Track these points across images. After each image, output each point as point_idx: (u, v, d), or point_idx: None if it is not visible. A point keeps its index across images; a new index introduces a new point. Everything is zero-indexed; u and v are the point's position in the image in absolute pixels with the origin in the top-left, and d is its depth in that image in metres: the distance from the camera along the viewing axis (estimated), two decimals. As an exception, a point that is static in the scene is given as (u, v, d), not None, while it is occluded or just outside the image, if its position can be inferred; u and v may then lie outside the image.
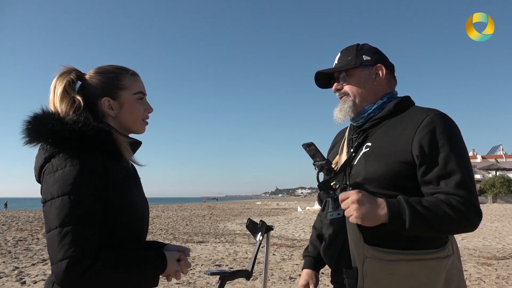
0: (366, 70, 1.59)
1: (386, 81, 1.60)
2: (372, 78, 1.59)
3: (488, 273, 6.78)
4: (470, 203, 1.32)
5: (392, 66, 1.65)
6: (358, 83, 1.58)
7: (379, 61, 1.60)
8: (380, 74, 1.58)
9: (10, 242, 11.31)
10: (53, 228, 1.15)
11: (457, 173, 1.34)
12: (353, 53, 1.61)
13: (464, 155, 1.39)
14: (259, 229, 1.83)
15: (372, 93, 1.58)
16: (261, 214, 29.26)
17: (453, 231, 1.38)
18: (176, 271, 1.33)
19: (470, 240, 11.35)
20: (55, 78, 1.36)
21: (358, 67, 1.58)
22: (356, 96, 1.58)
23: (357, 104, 1.58)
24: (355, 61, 1.59)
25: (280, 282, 6.18)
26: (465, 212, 1.30)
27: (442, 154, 1.36)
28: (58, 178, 1.18)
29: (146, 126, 1.47)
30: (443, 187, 1.34)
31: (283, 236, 13.08)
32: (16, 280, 6.33)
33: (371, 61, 1.59)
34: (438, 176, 1.35)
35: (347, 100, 1.59)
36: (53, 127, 1.22)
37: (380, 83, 1.59)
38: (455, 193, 1.32)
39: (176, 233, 14.56)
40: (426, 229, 1.30)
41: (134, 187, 1.37)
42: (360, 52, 1.60)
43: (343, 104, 1.59)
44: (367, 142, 1.52)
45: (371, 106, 1.57)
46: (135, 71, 1.46)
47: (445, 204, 1.30)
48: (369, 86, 1.58)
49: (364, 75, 1.59)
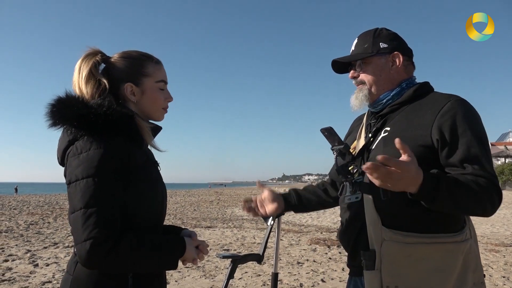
0: (383, 58, 1.57)
1: (403, 68, 1.58)
2: (389, 66, 1.57)
3: (496, 260, 6.79)
4: (495, 186, 1.33)
5: (410, 52, 1.63)
6: (374, 71, 1.57)
7: (396, 49, 1.57)
8: (397, 62, 1.56)
9: (21, 226, 11.52)
10: (78, 209, 1.16)
11: (480, 158, 1.34)
12: (370, 40, 1.59)
13: (485, 142, 1.39)
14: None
15: (388, 81, 1.57)
16: (268, 200, 29.35)
17: (475, 210, 1.34)
18: (193, 258, 1.35)
19: (478, 227, 11.40)
20: (80, 59, 1.36)
21: (375, 55, 1.57)
22: (372, 85, 1.57)
23: (373, 92, 1.58)
24: (372, 49, 1.57)
25: (288, 266, 6.25)
26: (491, 192, 1.31)
27: (465, 139, 1.36)
28: (83, 160, 1.20)
29: (165, 114, 1.47)
30: (469, 169, 1.34)
31: (290, 222, 13.15)
32: (29, 262, 6.46)
33: (388, 49, 1.57)
34: (462, 159, 1.35)
35: (363, 88, 1.58)
36: (79, 111, 1.23)
37: (397, 71, 1.57)
38: (482, 174, 1.32)
39: (184, 218, 14.71)
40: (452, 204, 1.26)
41: (154, 172, 1.39)
42: (377, 39, 1.58)
43: (359, 93, 1.59)
44: (386, 127, 1.51)
45: (389, 93, 1.56)
46: (159, 59, 1.45)
47: (474, 183, 1.29)
48: (386, 75, 1.57)
49: (380, 64, 1.57)
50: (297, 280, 5.41)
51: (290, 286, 5.13)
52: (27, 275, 5.63)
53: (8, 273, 5.76)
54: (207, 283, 5.22)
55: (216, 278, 5.46)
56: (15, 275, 5.60)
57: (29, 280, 5.35)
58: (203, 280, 5.40)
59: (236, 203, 25.63)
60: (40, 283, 5.20)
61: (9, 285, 5.10)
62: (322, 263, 6.48)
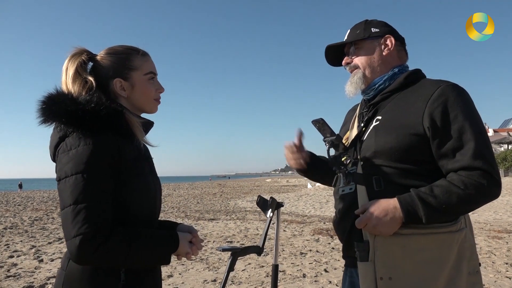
0: (375, 41, 1.59)
1: (396, 52, 1.60)
2: (381, 49, 1.59)
3: (499, 246, 6.80)
4: (487, 174, 1.31)
5: (402, 39, 1.64)
6: (367, 54, 1.59)
7: (388, 32, 1.60)
8: (389, 44, 1.58)
9: (26, 222, 11.58)
10: (67, 205, 1.17)
11: (472, 143, 1.33)
12: (361, 27, 1.62)
13: (478, 124, 1.37)
14: (270, 206, 1.85)
15: (382, 64, 1.58)
16: (271, 191, 29.50)
17: (474, 207, 1.37)
18: (186, 252, 1.35)
19: (481, 214, 11.33)
20: (66, 59, 1.36)
21: (367, 39, 1.59)
22: (365, 68, 1.58)
23: (367, 76, 1.58)
24: (364, 33, 1.59)
25: (291, 257, 6.27)
26: (484, 185, 1.30)
27: (456, 125, 1.35)
28: (72, 156, 1.20)
29: (158, 105, 1.47)
30: (459, 159, 1.33)
31: (294, 213, 13.20)
32: (34, 258, 6.50)
33: (380, 33, 1.59)
34: (454, 148, 1.34)
35: (357, 72, 1.59)
36: (67, 107, 1.23)
37: (390, 54, 1.58)
38: (472, 165, 1.31)
39: (188, 211, 14.77)
40: (444, 217, 1.33)
41: (146, 167, 1.38)
42: (369, 26, 1.61)
43: (353, 77, 1.60)
44: (377, 116, 1.51)
45: (382, 78, 1.57)
46: (145, 51, 1.45)
47: (457, 187, 1.30)
48: (379, 57, 1.58)
49: (373, 47, 1.59)
50: (300, 270, 5.43)
51: (293, 276, 5.15)
52: (32, 271, 5.67)
53: (14, 269, 5.80)
54: (210, 275, 5.24)
55: (219, 270, 5.48)
56: (20, 271, 5.64)
57: (34, 276, 5.39)
58: (207, 272, 5.43)
59: (239, 195, 25.72)
60: (45, 278, 5.23)
61: (14, 281, 5.14)
62: (325, 253, 6.50)
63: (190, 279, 5.11)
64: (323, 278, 5.04)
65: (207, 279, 5.07)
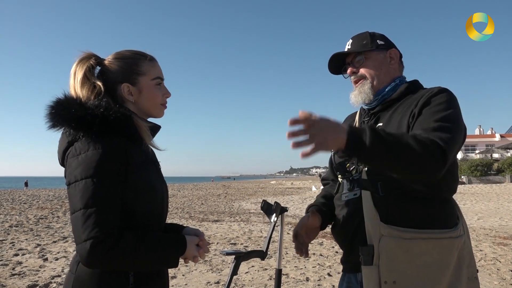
0: (382, 53, 1.65)
1: (398, 65, 1.68)
2: (387, 61, 1.65)
3: (504, 253, 6.75)
4: (436, 143, 1.26)
5: (400, 52, 1.72)
6: (375, 65, 1.64)
7: (392, 46, 1.68)
8: (394, 57, 1.67)
9: (31, 220, 11.67)
10: (77, 209, 1.18)
11: (436, 123, 1.34)
12: (367, 38, 1.66)
13: (451, 117, 1.37)
14: (274, 211, 1.85)
15: (388, 76, 1.64)
16: (276, 193, 29.46)
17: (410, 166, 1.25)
18: (194, 256, 1.36)
19: (486, 220, 11.25)
20: (74, 64, 1.37)
21: (374, 50, 1.64)
22: (374, 78, 1.63)
23: (375, 86, 1.63)
24: (371, 45, 1.64)
25: (295, 260, 6.27)
26: (428, 146, 1.24)
27: (429, 111, 1.40)
28: (82, 161, 1.21)
29: (164, 110, 1.49)
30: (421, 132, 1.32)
31: (298, 216, 13.17)
32: (39, 257, 6.55)
33: (385, 45, 1.66)
34: (422, 127, 1.36)
35: (365, 82, 1.63)
36: (76, 112, 1.24)
37: (394, 67, 1.66)
38: (427, 135, 1.29)
39: (192, 212, 14.79)
40: (385, 155, 1.21)
41: (153, 171, 1.40)
42: (374, 38, 1.67)
43: (363, 86, 1.62)
44: (379, 123, 1.56)
45: (385, 88, 1.63)
46: (153, 56, 1.46)
47: (409, 137, 1.25)
48: (385, 69, 1.64)
49: (380, 58, 1.65)
50: (303, 274, 5.43)
51: (297, 280, 5.15)
52: (36, 269, 5.71)
53: (18, 267, 5.84)
54: (213, 277, 5.25)
55: (222, 273, 5.49)
56: (25, 269, 5.69)
57: (38, 274, 5.43)
58: (210, 274, 5.44)
59: (243, 196, 25.71)
60: (50, 277, 5.27)
61: (19, 279, 5.17)
62: (329, 257, 6.49)
63: (193, 281, 5.12)
64: (326, 282, 5.03)
65: (211, 281, 5.08)
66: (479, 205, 16.68)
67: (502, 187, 31.35)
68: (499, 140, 55.06)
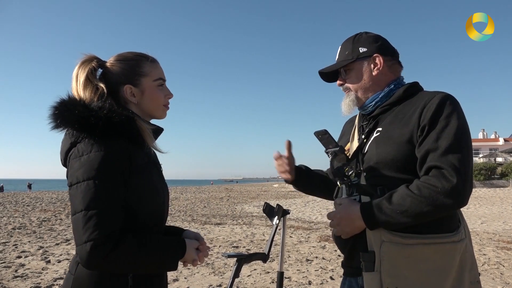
0: (364, 62, 1.59)
1: (387, 69, 1.60)
2: (371, 69, 1.59)
3: (507, 257, 6.72)
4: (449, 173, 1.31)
5: (392, 52, 1.63)
6: (358, 76, 1.60)
7: (376, 51, 1.59)
8: (378, 63, 1.58)
9: (34, 223, 11.69)
10: (79, 211, 1.19)
11: (443, 147, 1.34)
12: (349, 47, 1.62)
13: (460, 132, 1.37)
14: (276, 213, 1.85)
15: (374, 84, 1.59)
16: (278, 196, 29.42)
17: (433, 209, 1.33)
18: (193, 259, 1.37)
19: (490, 224, 11.19)
20: (76, 66, 1.38)
21: (355, 61, 1.59)
22: (357, 90, 1.61)
23: (360, 97, 1.61)
24: (352, 55, 1.60)
25: (297, 263, 6.26)
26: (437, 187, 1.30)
27: (437, 129, 1.37)
28: (84, 162, 1.22)
29: (167, 111, 1.49)
30: (429, 160, 1.36)
31: (300, 219, 13.15)
32: (41, 259, 6.56)
33: (368, 52, 1.59)
34: (428, 149, 1.36)
35: (350, 94, 1.62)
36: (80, 113, 1.24)
37: (381, 73, 1.59)
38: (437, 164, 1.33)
39: (194, 215, 14.79)
40: (404, 221, 1.33)
41: (155, 173, 1.40)
42: (357, 45, 1.61)
43: (346, 98, 1.63)
44: (378, 128, 1.53)
45: (378, 95, 1.59)
46: (154, 58, 1.47)
47: (411, 192, 1.33)
48: (369, 78, 1.59)
49: (361, 68, 1.60)
50: (305, 277, 5.41)
51: (299, 283, 5.13)
52: (39, 272, 5.72)
53: (21, 269, 5.86)
54: (216, 280, 5.24)
55: (225, 275, 5.48)
56: (28, 272, 5.70)
57: (41, 277, 5.43)
58: (212, 277, 5.43)
59: (246, 199, 25.70)
60: (52, 279, 5.28)
61: (22, 281, 5.18)
62: (331, 260, 6.48)
63: (195, 284, 5.12)
64: (328, 285, 5.02)
65: (213, 284, 5.07)
66: (483, 209, 16.62)
67: (506, 191, 31.22)
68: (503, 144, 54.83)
